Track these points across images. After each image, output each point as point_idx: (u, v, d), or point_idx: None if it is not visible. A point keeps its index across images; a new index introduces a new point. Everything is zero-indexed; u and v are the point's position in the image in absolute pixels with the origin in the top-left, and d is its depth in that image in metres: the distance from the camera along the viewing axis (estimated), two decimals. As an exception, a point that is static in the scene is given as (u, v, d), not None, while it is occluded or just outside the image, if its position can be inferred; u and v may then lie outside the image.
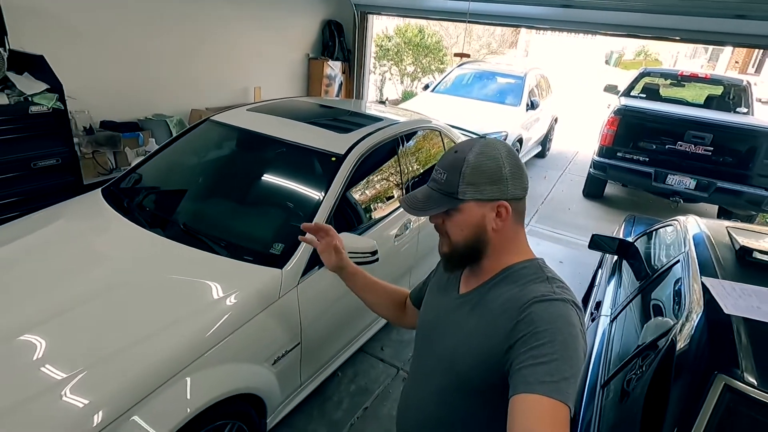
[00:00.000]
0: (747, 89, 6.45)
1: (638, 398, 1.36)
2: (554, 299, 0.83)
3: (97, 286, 1.75)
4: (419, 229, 2.81)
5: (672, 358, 1.32)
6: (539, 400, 0.73)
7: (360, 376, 2.63)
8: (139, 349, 1.50)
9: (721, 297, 1.35)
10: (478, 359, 0.88)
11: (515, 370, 0.78)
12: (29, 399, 1.32)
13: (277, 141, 2.45)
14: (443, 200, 0.91)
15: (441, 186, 0.92)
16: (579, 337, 0.80)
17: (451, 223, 0.93)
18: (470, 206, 0.90)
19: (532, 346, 0.78)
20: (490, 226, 0.91)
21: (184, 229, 2.11)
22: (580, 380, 0.80)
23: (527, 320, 0.81)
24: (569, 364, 0.76)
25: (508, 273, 0.92)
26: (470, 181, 0.89)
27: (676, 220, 2.29)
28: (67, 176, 2.84)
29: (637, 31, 4.78)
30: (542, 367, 0.75)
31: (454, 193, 0.89)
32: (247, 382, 1.75)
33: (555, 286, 0.87)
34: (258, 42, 5.03)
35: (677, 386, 1.22)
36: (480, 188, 0.89)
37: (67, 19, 3.26)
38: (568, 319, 0.81)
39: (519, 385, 0.76)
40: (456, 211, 0.91)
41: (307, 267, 1.99)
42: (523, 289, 0.87)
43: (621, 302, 2.00)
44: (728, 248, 1.79)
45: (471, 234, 0.91)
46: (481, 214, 0.90)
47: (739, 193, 4.88)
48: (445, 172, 0.92)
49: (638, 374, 1.46)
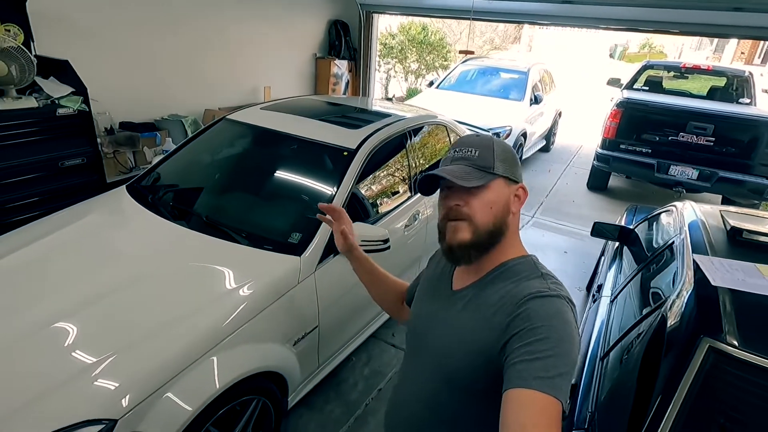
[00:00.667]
0: (749, 80, 6.50)
1: (634, 364, 1.47)
2: (550, 296, 0.84)
3: (126, 275, 1.87)
4: (427, 220, 2.94)
5: (664, 327, 1.43)
6: (533, 395, 0.73)
7: (373, 360, 2.76)
8: (168, 332, 1.62)
9: (709, 271, 1.46)
10: (471, 356, 0.88)
11: (510, 365, 0.79)
12: (63, 383, 1.40)
13: (291, 137, 2.57)
14: (480, 174, 0.90)
15: (475, 162, 0.92)
16: (574, 334, 0.81)
17: (479, 202, 0.90)
18: (500, 184, 0.91)
19: (528, 341, 0.79)
20: (512, 208, 0.93)
21: (207, 221, 2.24)
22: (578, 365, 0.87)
23: (523, 316, 0.82)
24: (564, 360, 0.77)
25: (503, 269, 0.92)
26: (503, 159, 0.92)
27: (674, 206, 2.39)
28: (91, 175, 2.98)
29: (638, 25, 4.85)
30: (538, 362, 0.76)
31: (490, 168, 0.91)
32: (271, 361, 1.87)
33: (549, 282, 0.88)
34: (267, 43, 5.16)
35: (668, 351, 1.33)
36: (509, 168, 0.92)
37: (87, 25, 3.41)
38: (564, 315, 0.82)
39: (513, 380, 0.76)
40: (486, 188, 0.90)
41: (323, 255, 2.11)
42: (517, 285, 0.88)
43: (620, 284, 2.11)
44: (720, 230, 1.90)
45: (499, 213, 0.91)
46: (507, 193, 0.92)
47: (741, 182, 4.95)
48: (475, 149, 0.93)
49: (634, 344, 1.57)
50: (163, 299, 1.78)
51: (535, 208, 5.41)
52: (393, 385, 1.14)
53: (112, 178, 3.22)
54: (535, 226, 4.96)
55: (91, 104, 2.96)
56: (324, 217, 1.45)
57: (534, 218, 5.15)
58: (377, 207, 2.63)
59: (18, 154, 2.66)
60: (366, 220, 2.48)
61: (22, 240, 2.09)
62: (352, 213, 2.41)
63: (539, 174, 6.63)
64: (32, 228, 2.22)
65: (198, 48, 4.36)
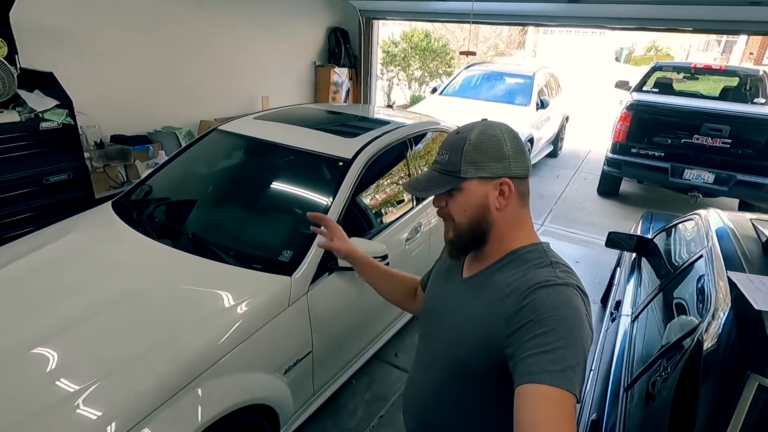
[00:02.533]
0: (764, 79, 6.29)
1: (665, 401, 1.29)
2: (557, 284, 0.81)
3: (107, 298, 1.75)
4: (430, 232, 2.77)
5: (699, 357, 1.25)
6: (545, 390, 0.71)
7: (375, 384, 2.59)
8: (148, 360, 1.49)
9: (749, 292, 1.28)
10: (479, 343, 0.87)
11: (519, 359, 0.77)
12: (43, 411, 1.32)
13: (284, 148, 2.43)
14: (445, 179, 0.91)
15: (443, 166, 0.92)
16: (584, 323, 0.78)
17: (454, 204, 0.92)
18: (473, 185, 0.89)
19: (536, 333, 0.76)
20: (493, 205, 0.90)
21: (193, 238, 2.10)
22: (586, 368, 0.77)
23: (530, 307, 0.79)
24: (574, 351, 0.74)
25: (512, 257, 0.91)
26: (472, 160, 0.88)
27: (697, 214, 2.21)
28: (78, 190, 2.86)
29: (648, 24, 4.68)
30: (546, 355, 0.74)
31: (456, 172, 0.89)
32: (259, 393, 1.71)
33: (559, 270, 0.85)
34: (264, 51, 5.06)
35: (706, 387, 1.15)
36: (482, 166, 0.88)
37: (76, 37, 3.32)
38: (572, 304, 0.79)
39: (524, 375, 0.74)
40: (458, 191, 0.90)
41: (317, 273, 1.96)
42: (526, 273, 0.86)
43: (642, 301, 1.93)
44: (754, 241, 1.71)
45: (475, 214, 0.90)
46: (483, 192, 0.89)
47: (760, 185, 4.74)
48: (447, 152, 0.92)
49: (664, 376, 1.39)
50: (142, 325, 1.65)
51: (544, 216, 5.23)
52: (409, 371, 1.15)
53: (101, 193, 3.10)
54: (544, 234, 4.77)
55: (78, 117, 2.85)
56: (317, 228, 1.45)
57: (543, 226, 4.96)
58: (376, 220, 2.48)
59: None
60: (364, 234, 2.32)
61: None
62: (349, 227, 2.27)
63: (548, 180, 6.45)
64: (9, 248, 2.11)
65: (193, 57, 4.26)
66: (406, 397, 1.13)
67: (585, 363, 0.76)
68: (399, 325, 2.74)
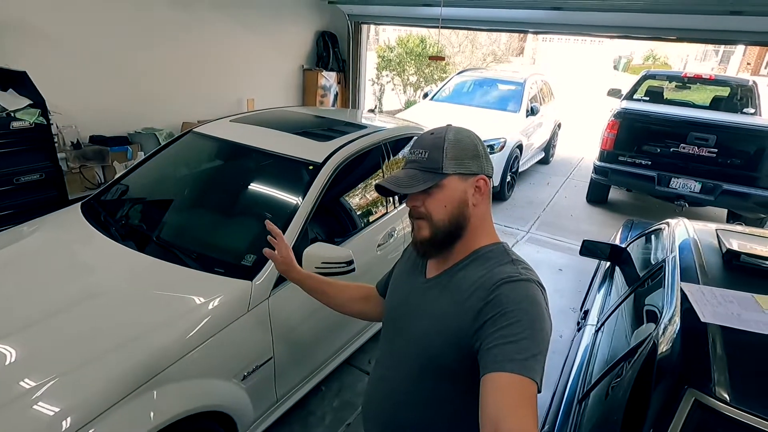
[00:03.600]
0: (754, 89, 6.29)
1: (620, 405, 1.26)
2: (520, 279, 0.86)
3: (66, 299, 1.73)
4: (404, 238, 2.75)
5: (653, 363, 1.23)
6: (509, 378, 0.76)
7: (345, 390, 2.56)
8: (104, 360, 1.47)
9: (699, 304, 1.26)
10: (448, 340, 0.90)
11: (485, 350, 0.81)
12: None
13: (256, 151, 2.41)
14: (427, 176, 0.92)
15: (423, 164, 0.94)
16: (545, 315, 0.84)
17: (433, 201, 0.94)
18: (453, 181, 0.93)
19: (501, 326, 0.81)
20: (470, 201, 0.94)
21: (157, 242, 2.08)
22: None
23: (495, 301, 0.84)
24: (536, 341, 0.79)
25: (475, 256, 0.95)
26: (453, 156, 0.92)
27: (667, 223, 2.18)
28: (50, 191, 2.84)
29: (632, 32, 4.67)
30: (511, 345, 0.78)
31: (438, 168, 0.92)
32: (214, 399, 1.69)
33: (520, 267, 0.90)
34: (251, 54, 5.05)
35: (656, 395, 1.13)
36: (462, 162, 0.92)
37: (55, 36, 3.30)
38: (534, 298, 0.84)
39: (489, 364, 0.79)
40: (438, 188, 0.92)
41: (280, 278, 1.93)
42: (490, 270, 0.90)
43: (605, 311, 1.90)
44: (715, 252, 1.69)
45: (455, 210, 0.93)
46: (463, 188, 0.93)
47: (746, 195, 4.72)
48: (426, 151, 0.94)
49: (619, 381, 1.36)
50: (99, 326, 1.63)
51: (531, 223, 5.20)
52: (369, 377, 1.16)
53: (77, 194, 3.07)
54: (530, 241, 4.75)
55: (55, 117, 2.85)
56: (272, 239, 1.45)
57: (529, 233, 4.94)
58: (347, 224, 2.45)
59: (-33, 170, 2.53)
60: (334, 239, 2.30)
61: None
62: (318, 231, 2.25)
63: (538, 187, 6.43)
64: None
65: (177, 57, 4.24)
66: (370, 401, 1.13)
67: (546, 353, 0.81)
68: (372, 331, 2.71)
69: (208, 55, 4.54)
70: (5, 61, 2.88)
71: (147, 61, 3.98)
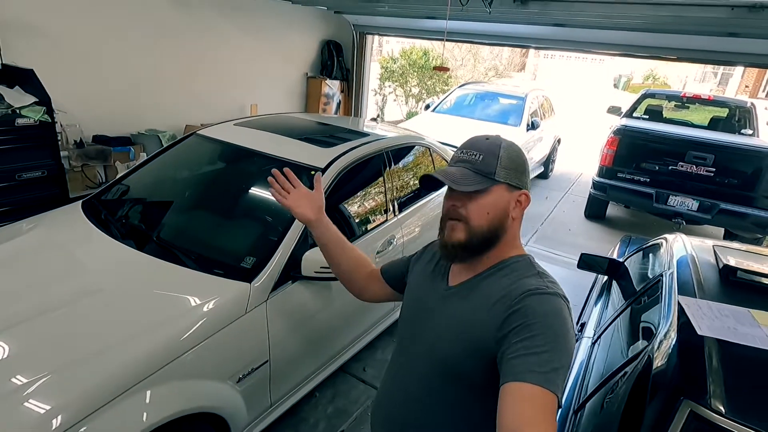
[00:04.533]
0: (752, 111, 6.36)
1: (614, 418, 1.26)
2: (547, 293, 0.86)
3: (64, 296, 1.73)
4: (404, 245, 2.76)
5: (648, 377, 1.23)
6: (529, 389, 0.75)
7: (339, 397, 2.54)
8: (98, 359, 1.47)
9: (696, 317, 1.27)
10: (467, 348, 0.90)
11: (506, 360, 0.80)
12: None
13: (258, 155, 2.43)
14: (480, 179, 0.92)
15: (477, 166, 0.93)
16: (570, 331, 0.83)
17: (475, 205, 0.93)
18: (500, 189, 0.93)
19: (525, 337, 0.80)
20: (511, 213, 0.94)
21: (157, 241, 2.08)
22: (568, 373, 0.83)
23: (521, 312, 0.83)
24: (559, 356, 0.78)
25: (502, 266, 0.95)
26: (506, 165, 0.92)
27: (664, 239, 2.20)
28: (52, 188, 2.84)
29: (633, 50, 4.75)
30: (533, 357, 0.77)
31: (492, 174, 0.92)
32: (208, 401, 1.68)
33: (546, 280, 0.90)
34: (256, 60, 5.09)
35: (651, 408, 1.13)
36: (512, 174, 0.93)
37: (63, 35, 3.33)
38: (560, 313, 0.84)
39: (509, 374, 0.78)
40: (485, 193, 0.92)
41: (279, 281, 1.94)
42: (515, 282, 0.90)
43: (603, 324, 1.91)
44: (712, 267, 1.70)
45: (495, 219, 0.93)
46: (507, 199, 0.93)
47: (743, 215, 4.75)
48: (480, 153, 0.94)
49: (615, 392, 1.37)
50: (94, 324, 1.62)
51: (528, 236, 5.22)
52: (382, 380, 1.14)
53: (78, 192, 3.08)
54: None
55: (58, 116, 2.86)
56: (272, 180, 1.32)
57: (527, 246, 4.95)
58: (347, 230, 2.46)
59: (-32, 165, 2.54)
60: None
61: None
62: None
63: (536, 201, 6.46)
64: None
65: (182, 61, 4.28)
66: (381, 402, 1.12)
67: (568, 368, 0.80)
68: (369, 338, 2.70)
69: (213, 60, 4.58)
70: (12, 59, 2.91)
71: (152, 64, 4.02)
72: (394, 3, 4.13)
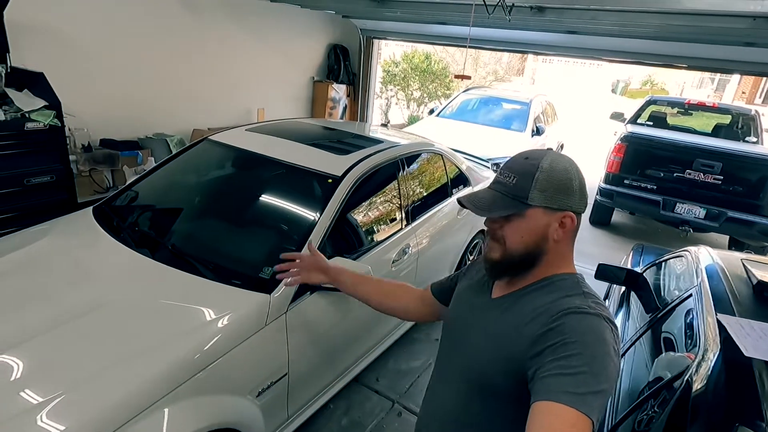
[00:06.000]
0: (756, 118, 6.38)
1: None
2: (588, 313, 0.82)
3: (77, 307, 1.67)
4: (418, 254, 2.72)
5: (688, 400, 1.20)
6: (561, 409, 0.71)
7: (353, 409, 2.50)
8: (115, 375, 1.42)
9: (739, 337, 1.24)
10: (502, 362, 0.88)
11: (539, 378, 0.77)
12: (2, 422, 1.25)
13: (274, 162, 2.39)
14: (510, 203, 0.90)
15: (509, 189, 0.91)
16: (611, 354, 0.78)
17: (511, 228, 0.91)
18: (537, 213, 0.89)
19: (561, 356, 0.77)
20: (552, 236, 0.90)
21: (172, 250, 2.04)
22: (607, 399, 0.76)
23: (558, 330, 0.80)
24: (597, 379, 0.74)
25: (546, 282, 0.92)
26: (542, 188, 0.88)
27: (687, 251, 2.17)
28: (61, 194, 2.79)
29: (644, 58, 4.74)
30: (568, 378, 0.74)
31: (524, 198, 0.89)
32: (228, 416, 1.63)
33: (591, 301, 0.86)
34: (263, 64, 5.06)
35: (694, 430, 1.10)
36: (551, 196, 0.88)
37: (72, 39, 3.29)
38: (601, 334, 0.79)
39: (541, 392, 0.75)
40: (520, 216, 0.90)
41: (298, 292, 1.89)
42: (557, 299, 0.87)
43: (630, 337, 1.88)
44: (744, 282, 1.67)
45: (532, 242, 0.90)
46: (546, 222, 0.89)
47: (751, 223, 4.74)
48: (515, 176, 0.91)
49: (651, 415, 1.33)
50: (110, 337, 1.57)
51: (535, 243, 5.19)
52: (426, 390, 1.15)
53: (85, 197, 3.03)
54: (535, 261, 4.73)
55: (66, 120, 2.81)
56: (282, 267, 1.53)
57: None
58: (363, 239, 2.42)
59: (-23, 170, 2.48)
60: (352, 253, 2.27)
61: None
62: (335, 245, 2.22)
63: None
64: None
65: (190, 66, 4.24)
66: (425, 404, 1.13)
67: (608, 394, 0.76)
68: (381, 349, 2.66)
69: (220, 64, 4.54)
70: (21, 61, 2.86)
71: (160, 67, 3.98)
72: (407, 9, 4.11)
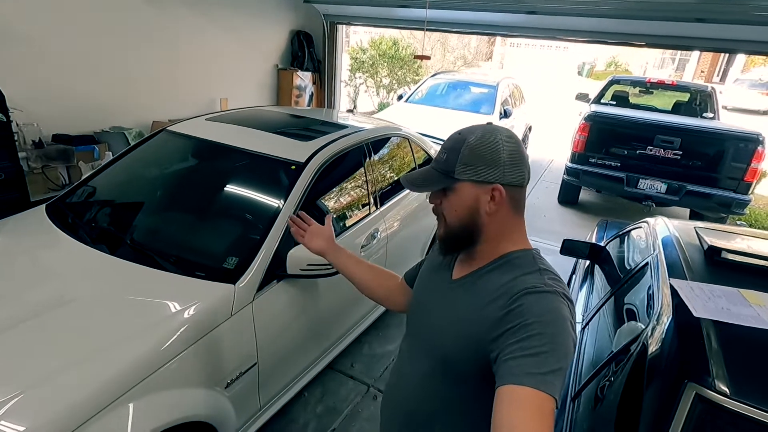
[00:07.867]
0: (712, 95, 6.61)
1: (611, 407, 1.27)
2: (545, 291, 0.83)
3: (34, 307, 1.61)
4: (388, 238, 2.72)
5: (644, 363, 1.24)
6: (525, 392, 0.73)
7: (328, 396, 2.50)
8: (76, 372, 1.38)
9: (689, 299, 1.28)
10: (464, 344, 0.89)
11: (502, 361, 0.78)
12: None
13: (235, 150, 2.33)
14: (440, 178, 0.93)
15: (441, 165, 0.93)
16: (569, 330, 0.80)
17: (447, 203, 0.94)
18: (465, 187, 0.91)
19: (521, 337, 0.78)
20: (484, 209, 0.91)
21: (132, 245, 1.97)
22: (566, 375, 0.78)
23: (517, 311, 0.81)
24: (557, 356, 0.76)
25: (502, 261, 0.92)
26: (467, 162, 0.90)
27: (646, 222, 2.24)
28: (11, 193, 2.66)
29: (603, 37, 4.83)
30: (530, 359, 0.75)
31: (451, 172, 0.91)
32: (197, 409, 1.60)
33: (547, 277, 0.87)
34: (225, 52, 4.92)
35: (650, 394, 1.14)
36: (476, 169, 0.89)
37: (17, 29, 3.11)
38: (558, 311, 0.81)
39: (505, 376, 0.76)
40: (452, 191, 0.92)
41: (264, 281, 1.87)
42: (515, 278, 0.87)
43: (592, 308, 1.93)
44: (697, 249, 1.74)
45: (465, 215, 0.92)
46: (475, 195, 0.91)
47: (708, 195, 4.93)
48: (445, 152, 0.93)
49: (611, 381, 1.38)
50: (70, 335, 1.52)
51: (505, 224, 5.27)
52: (390, 372, 1.17)
53: (39, 195, 2.90)
54: (505, 242, 4.80)
55: (13, 114, 2.66)
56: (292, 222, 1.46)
57: (505, 234, 4.99)
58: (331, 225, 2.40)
59: None
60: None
61: None
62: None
63: (510, 188, 6.52)
64: None
65: (148, 55, 4.08)
66: (388, 388, 1.14)
67: (567, 369, 0.78)
68: (355, 334, 2.66)
69: (180, 53, 4.39)
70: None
71: (116, 58, 3.81)
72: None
